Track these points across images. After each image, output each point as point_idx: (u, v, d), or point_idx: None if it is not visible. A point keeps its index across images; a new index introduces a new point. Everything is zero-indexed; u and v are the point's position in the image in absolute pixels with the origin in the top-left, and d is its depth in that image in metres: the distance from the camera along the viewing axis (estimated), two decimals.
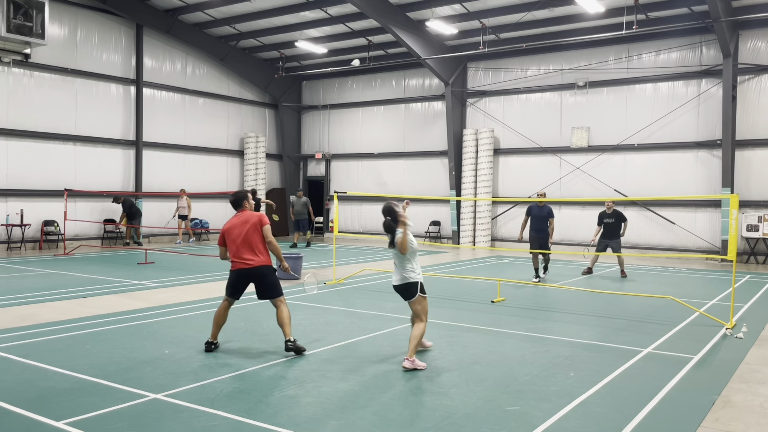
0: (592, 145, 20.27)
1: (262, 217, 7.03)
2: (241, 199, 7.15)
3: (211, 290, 11.23)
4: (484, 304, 10.21)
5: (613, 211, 14.03)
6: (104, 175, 20.28)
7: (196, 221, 22.95)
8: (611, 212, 14.01)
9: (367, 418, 4.92)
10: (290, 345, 6.79)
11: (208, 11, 21.11)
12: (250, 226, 6.90)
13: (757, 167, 17.82)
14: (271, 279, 6.94)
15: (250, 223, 6.93)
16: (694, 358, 6.90)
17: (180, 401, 5.23)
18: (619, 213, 14.07)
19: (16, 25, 16.09)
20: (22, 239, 18.14)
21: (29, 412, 4.91)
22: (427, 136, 23.69)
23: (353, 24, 21.07)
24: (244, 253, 6.86)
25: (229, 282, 7.04)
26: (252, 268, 6.86)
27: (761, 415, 5.16)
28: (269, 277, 6.93)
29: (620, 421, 4.94)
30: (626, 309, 9.96)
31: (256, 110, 25.86)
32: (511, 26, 19.68)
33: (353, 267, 14.80)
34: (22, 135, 18.24)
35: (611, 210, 14.03)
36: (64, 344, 7.15)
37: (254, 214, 7.07)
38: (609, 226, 14.01)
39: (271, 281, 6.95)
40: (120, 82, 20.77)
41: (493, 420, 4.95)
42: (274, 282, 6.97)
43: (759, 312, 9.87)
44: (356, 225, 25.17)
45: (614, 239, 13.97)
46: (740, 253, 17.72)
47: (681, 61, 18.96)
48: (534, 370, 6.36)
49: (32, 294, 10.50)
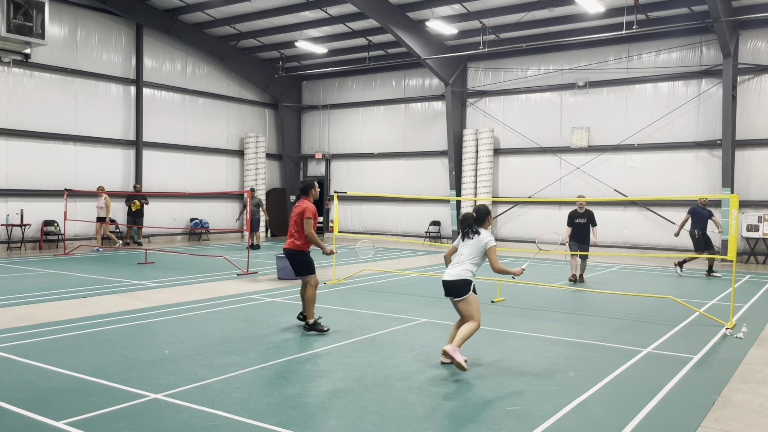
0: (592, 145, 20.27)
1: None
2: (309, 187, 8.24)
3: (211, 290, 11.23)
4: (484, 304, 10.18)
5: (585, 210, 12.87)
6: (104, 175, 20.27)
7: (196, 221, 22.95)
8: (583, 212, 12.83)
9: (367, 418, 4.92)
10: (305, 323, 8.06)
11: (208, 11, 21.11)
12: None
13: (757, 167, 17.82)
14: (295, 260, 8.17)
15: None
16: (694, 358, 6.90)
17: (180, 401, 5.22)
18: (591, 213, 12.93)
19: (16, 25, 16.08)
20: (22, 239, 18.14)
21: (29, 412, 4.91)
22: (427, 136, 23.69)
23: (353, 24, 21.07)
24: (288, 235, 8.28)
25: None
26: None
27: (761, 415, 5.16)
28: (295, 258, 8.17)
29: (620, 421, 4.94)
30: (626, 309, 9.96)
31: (256, 110, 25.86)
32: (511, 26, 19.67)
33: (353, 267, 14.79)
34: (22, 135, 18.24)
35: (583, 209, 12.84)
36: (64, 344, 7.15)
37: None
38: (579, 227, 12.79)
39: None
40: (120, 82, 20.77)
41: (493, 420, 4.95)
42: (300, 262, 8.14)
43: (759, 312, 9.87)
44: (356, 225, 25.17)
45: (584, 243, 12.69)
46: (740, 253, 17.73)
47: (681, 61, 18.96)
48: (534, 370, 6.36)
49: (32, 294, 10.50)
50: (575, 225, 12.84)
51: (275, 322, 8.43)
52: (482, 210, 6.52)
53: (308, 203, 8.05)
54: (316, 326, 7.88)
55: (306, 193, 8.18)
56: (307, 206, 7.99)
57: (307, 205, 8.01)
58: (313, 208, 8.03)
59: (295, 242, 8.05)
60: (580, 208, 12.85)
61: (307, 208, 7.97)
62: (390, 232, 24.21)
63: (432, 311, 9.55)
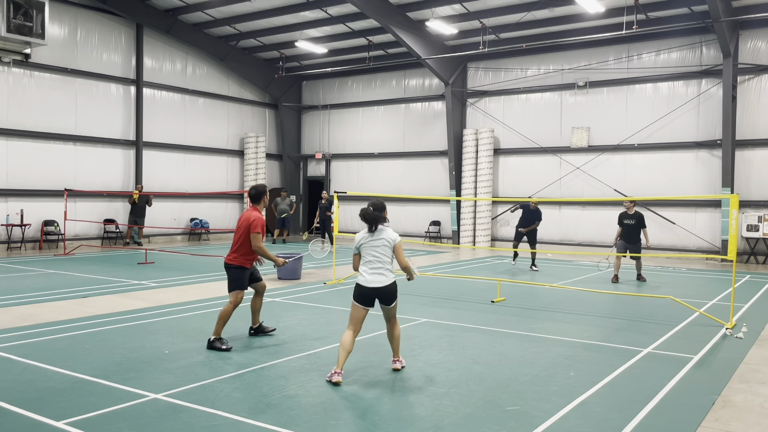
0: (592, 145, 20.27)
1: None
2: (261, 194, 7.55)
3: (211, 290, 11.23)
4: (484, 304, 10.21)
5: (634, 212, 13.06)
6: (104, 175, 20.28)
7: (196, 221, 22.96)
8: (632, 213, 13.05)
9: (368, 418, 4.92)
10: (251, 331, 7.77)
11: (208, 11, 21.10)
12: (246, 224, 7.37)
13: (757, 167, 17.82)
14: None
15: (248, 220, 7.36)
16: (694, 358, 6.90)
17: (180, 401, 5.23)
18: (640, 216, 13.05)
19: (16, 25, 16.09)
20: (22, 239, 18.14)
21: (29, 412, 4.91)
22: (427, 136, 23.69)
23: (353, 24, 21.07)
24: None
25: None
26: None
27: (761, 415, 5.16)
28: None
29: (620, 421, 4.94)
30: (626, 309, 9.96)
31: (256, 110, 25.86)
32: (511, 26, 19.67)
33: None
34: (22, 135, 18.24)
35: (632, 211, 13.07)
36: (64, 344, 7.15)
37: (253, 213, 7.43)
38: (629, 228, 12.99)
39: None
40: (120, 82, 20.77)
41: (493, 420, 4.95)
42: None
43: (759, 312, 9.87)
44: (356, 225, 25.13)
45: (633, 243, 12.99)
46: (740, 253, 17.72)
47: (681, 61, 18.96)
48: (534, 370, 6.36)
49: (32, 294, 10.50)
50: (624, 225, 13.12)
51: (275, 322, 8.43)
52: (379, 204, 6.20)
53: (257, 213, 7.36)
54: (215, 343, 7.10)
55: (257, 201, 7.51)
56: (256, 218, 7.26)
57: (256, 216, 7.29)
58: (262, 220, 7.31)
59: (232, 254, 7.33)
60: (629, 209, 13.13)
61: (255, 221, 7.22)
62: None
63: (432, 311, 9.55)
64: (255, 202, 7.51)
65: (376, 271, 6.01)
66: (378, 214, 6.11)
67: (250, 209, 7.42)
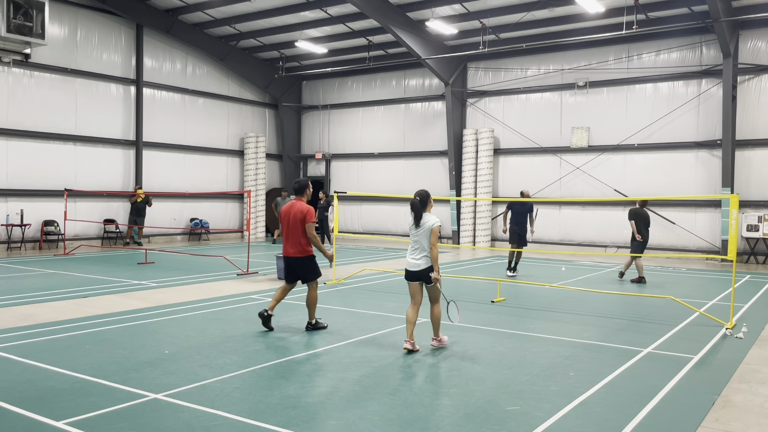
0: (592, 145, 20.27)
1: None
2: (304, 187, 7.94)
3: (211, 290, 11.23)
4: (484, 304, 10.21)
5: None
6: (104, 175, 20.28)
7: (196, 221, 22.96)
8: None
9: (368, 418, 4.92)
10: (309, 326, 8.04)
11: (208, 11, 21.10)
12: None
13: (757, 167, 17.82)
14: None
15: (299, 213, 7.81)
16: (694, 358, 6.90)
17: (180, 401, 5.22)
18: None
19: (16, 25, 16.08)
20: (22, 239, 18.14)
21: (29, 412, 4.91)
22: (427, 136, 23.69)
23: (353, 24, 21.07)
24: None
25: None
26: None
27: (761, 415, 5.16)
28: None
29: (620, 421, 4.94)
30: (626, 309, 9.96)
31: (256, 110, 25.86)
32: (511, 26, 19.67)
33: (353, 267, 14.80)
34: (22, 135, 18.24)
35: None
36: (64, 344, 7.15)
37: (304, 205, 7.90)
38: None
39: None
40: (120, 82, 20.77)
41: (493, 420, 4.95)
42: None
43: (759, 312, 9.87)
44: (356, 225, 25.16)
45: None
46: (740, 253, 17.73)
47: (681, 61, 18.96)
48: (534, 370, 6.36)
49: (32, 294, 10.50)
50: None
51: (275, 322, 8.43)
52: (424, 194, 7.01)
53: (306, 205, 7.82)
54: (318, 325, 8.06)
55: (301, 193, 7.93)
56: (309, 208, 7.75)
57: (309, 207, 7.78)
58: (313, 210, 7.81)
59: (305, 248, 7.82)
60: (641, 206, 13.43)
61: (310, 211, 7.74)
62: (390, 232, 24.21)
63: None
64: (299, 195, 7.91)
65: (413, 256, 6.98)
66: (419, 206, 6.90)
67: (295, 201, 7.85)
